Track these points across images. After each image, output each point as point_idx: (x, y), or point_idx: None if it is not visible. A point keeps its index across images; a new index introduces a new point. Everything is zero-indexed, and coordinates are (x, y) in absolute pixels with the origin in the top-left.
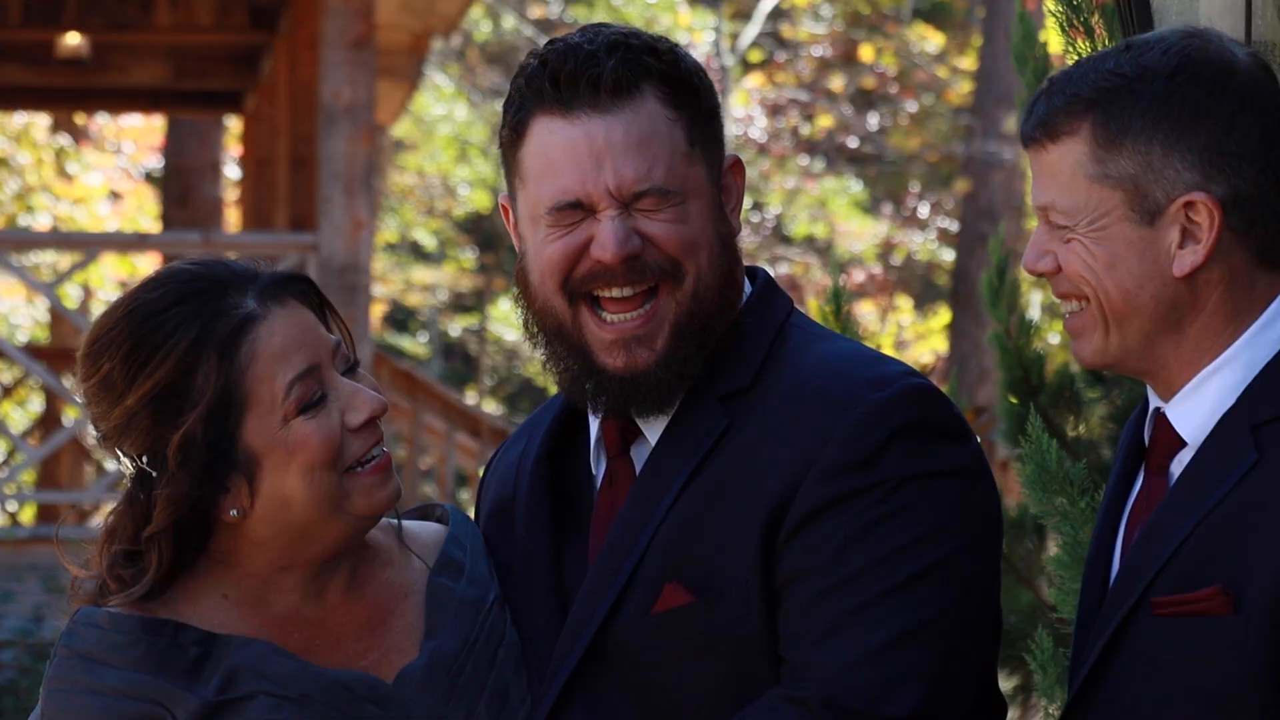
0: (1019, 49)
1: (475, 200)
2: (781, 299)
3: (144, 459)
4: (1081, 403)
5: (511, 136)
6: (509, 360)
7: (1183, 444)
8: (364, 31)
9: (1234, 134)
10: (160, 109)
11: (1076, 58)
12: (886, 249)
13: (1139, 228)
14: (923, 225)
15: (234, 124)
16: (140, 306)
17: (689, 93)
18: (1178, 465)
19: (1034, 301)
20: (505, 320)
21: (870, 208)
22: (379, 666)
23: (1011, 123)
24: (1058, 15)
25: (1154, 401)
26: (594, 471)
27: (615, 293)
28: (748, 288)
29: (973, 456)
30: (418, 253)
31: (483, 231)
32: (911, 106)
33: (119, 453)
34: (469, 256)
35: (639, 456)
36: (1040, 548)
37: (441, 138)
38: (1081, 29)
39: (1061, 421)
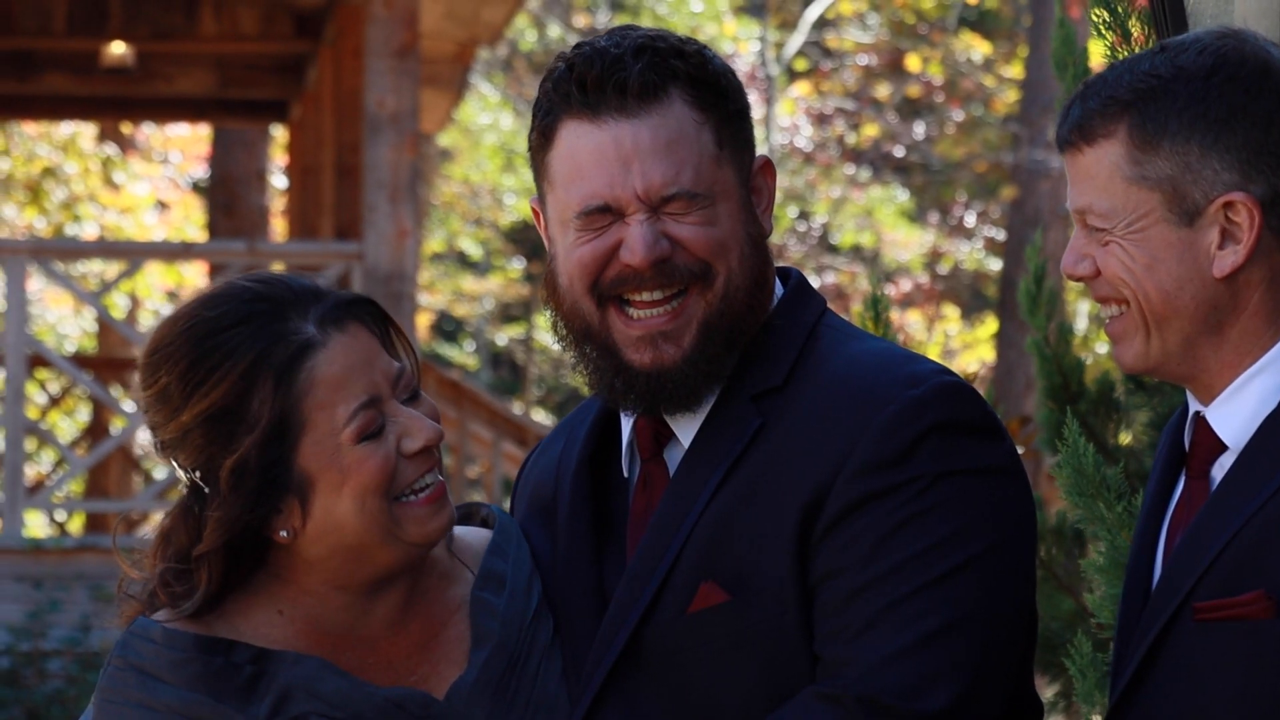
0: (1059, 54)
1: (521, 209)
2: (814, 299)
3: (197, 473)
4: (1122, 409)
5: (540, 141)
6: (556, 369)
7: (1223, 448)
8: (408, 40)
9: (1272, 132)
10: (205, 118)
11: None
12: (933, 258)
13: (1178, 229)
14: (969, 234)
15: (279, 133)
16: (200, 323)
17: (717, 94)
18: (1219, 469)
19: (1081, 311)
20: (551, 330)
21: (917, 217)
22: (429, 680)
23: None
24: (1097, 19)
25: (1193, 405)
26: (626, 474)
27: (644, 296)
28: (780, 289)
29: (1006, 454)
30: (464, 262)
31: (529, 241)
32: (958, 115)
33: (174, 462)
34: (516, 266)
35: (672, 459)
36: (1079, 554)
37: (487, 147)
38: (1120, 33)
39: (1102, 429)
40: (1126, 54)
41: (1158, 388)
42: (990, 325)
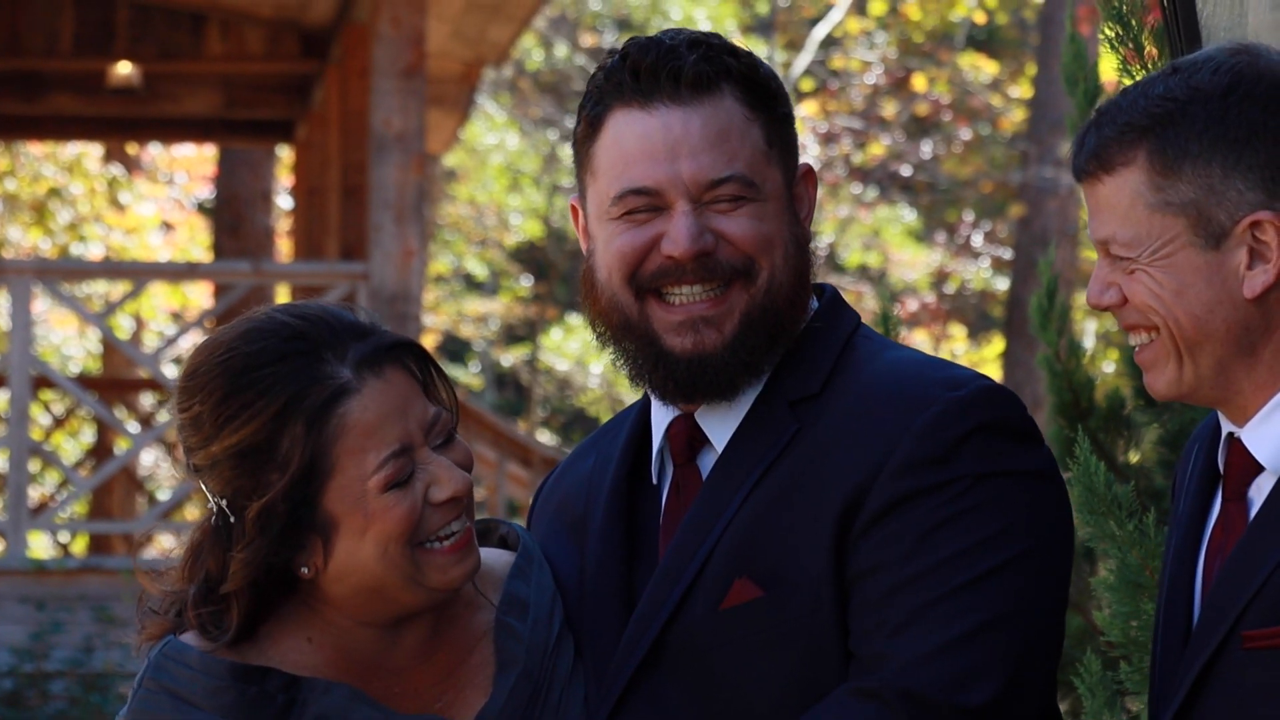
0: (1069, 69)
1: (528, 229)
2: (849, 312)
3: (224, 501)
4: (1132, 427)
5: (587, 131)
6: (561, 390)
7: (1260, 469)
8: (415, 60)
9: None
10: (212, 138)
11: (1130, 79)
12: (940, 278)
13: (1204, 252)
14: (976, 254)
15: (285, 153)
16: (237, 357)
17: (767, 96)
18: (1256, 491)
19: (1089, 329)
20: (557, 350)
21: (923, 236)
22: (454, 707)
23: (1066, 149)
24: (1110, 34)
25: (1226, 426)
26: (654, 481)
27: (684, 289)
28: (814, 303)
29: (1045, 460)
30: (470, 283)
31: (535, 261)
32: (965, 134)
33: (202, 486)
34: (522, 286)
35: (705, 465)
36: (1088, 571)
37: (494, 167)
38: (1133, 48)
39: (1112, 446)
40: (1139, 70)
41: (1168, 405)
42: (997, 344)
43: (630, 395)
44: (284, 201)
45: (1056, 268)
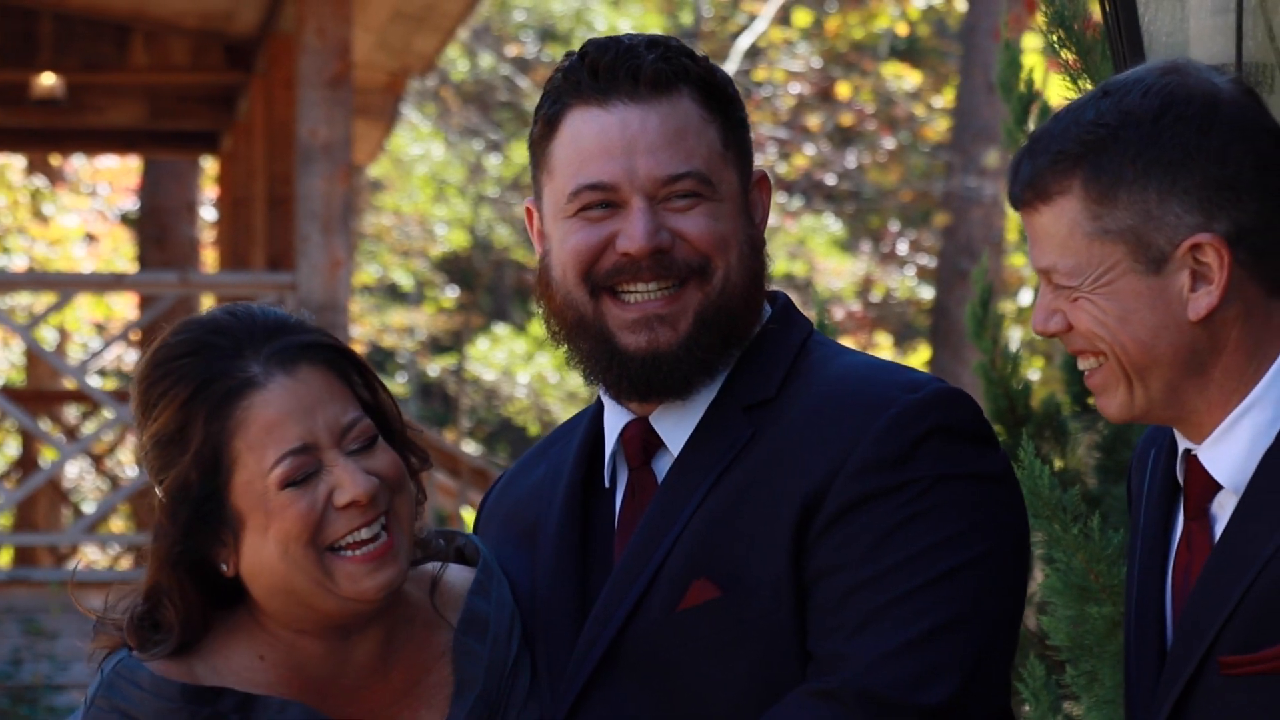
0: (1004, 75)
1: (453, 240)
2: (802, 318)
3: (159, 493)
4: (1067, 433)
5: (544, 130)
6: (488, 400)
7: (1219, 487)
8: (341, 70)
9: (1229, 167)
10: (136, 150)
11: (1072, 84)
12: (865, 286)
13: (1146, 277)
14: (902, 262)
15: (210, 164)
16: (162, 348)
17: (724, 99)
18: (1218, 508)
19: (1014, 337)
20: (484, 360)
21: (849, 245)
22: None
23: (991, 158)
24: (1052, 36)
25: (1183, 443)
26: (607, 485)
27: (639, 287)
28: (768, 308)
29: (1002, 462)
30: (395, 294)
31: (460, 271)
32: (889, 143)
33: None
34: (447, 296)
35: (660, 468)
36: (1032, 576)
37: (418, 177)
38: (1074, 51)
39: (1048, 452)
40: (1083, 77)
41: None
42: (923, 353)
43: (557, 405)
44: (208, 213)
45: (990, 275)
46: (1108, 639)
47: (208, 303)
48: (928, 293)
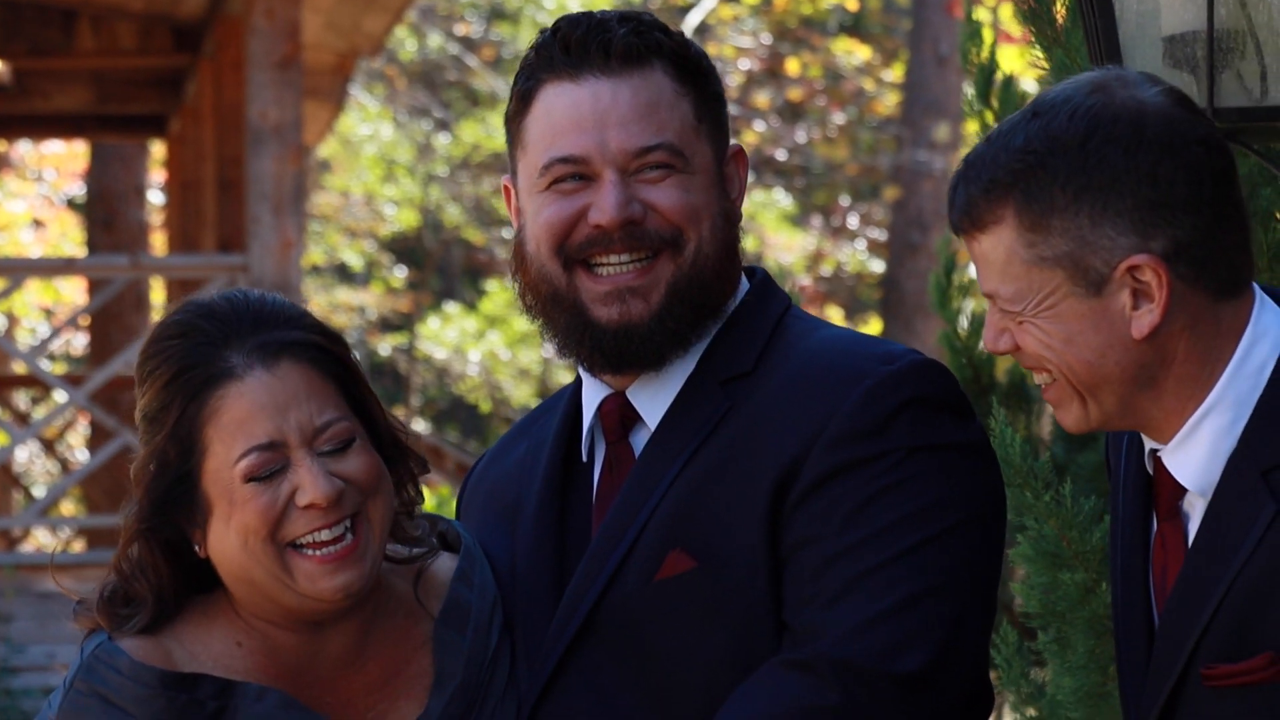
0: (965, 47)
1: (402, 219)
2: (779, 293)
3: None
4: (1032, 401)
5: (518, 107)
6: (439, 379)
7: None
8: (290, 51)
9: (1159, 186)
10: (83, 135)
11: (1045, 54)
12: (816, 260)
13: (1087, 300)
14: (852, 236)
15: (157, 148)
16: (159, 326)
17: (698, 73)
18: (1189, 506)
19: (966, 309)
20: (435, 339)
21: (799, 220)
22: (388, 716)
23: (942, 132)
24: (1022, 8)
25: (1149, 444)
26: (584, 459)
27: (612, 259)
28: (746, 283)
29: (978, 433)
30: (343, 274)
31: (410, 250)
32: (839, 118)
33: None
34: (396, 276)
35: (638, 443)
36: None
37: (367, 158)
38: (1046, 19)
39: (1014, 421)
40: (1055, 46)
41: None
42: (874, 326)
43: (509, 382)
44: (155, 196)
45: (954, 246)
46: (1080, 605)
47: (158, 286)
48: (878, 266)
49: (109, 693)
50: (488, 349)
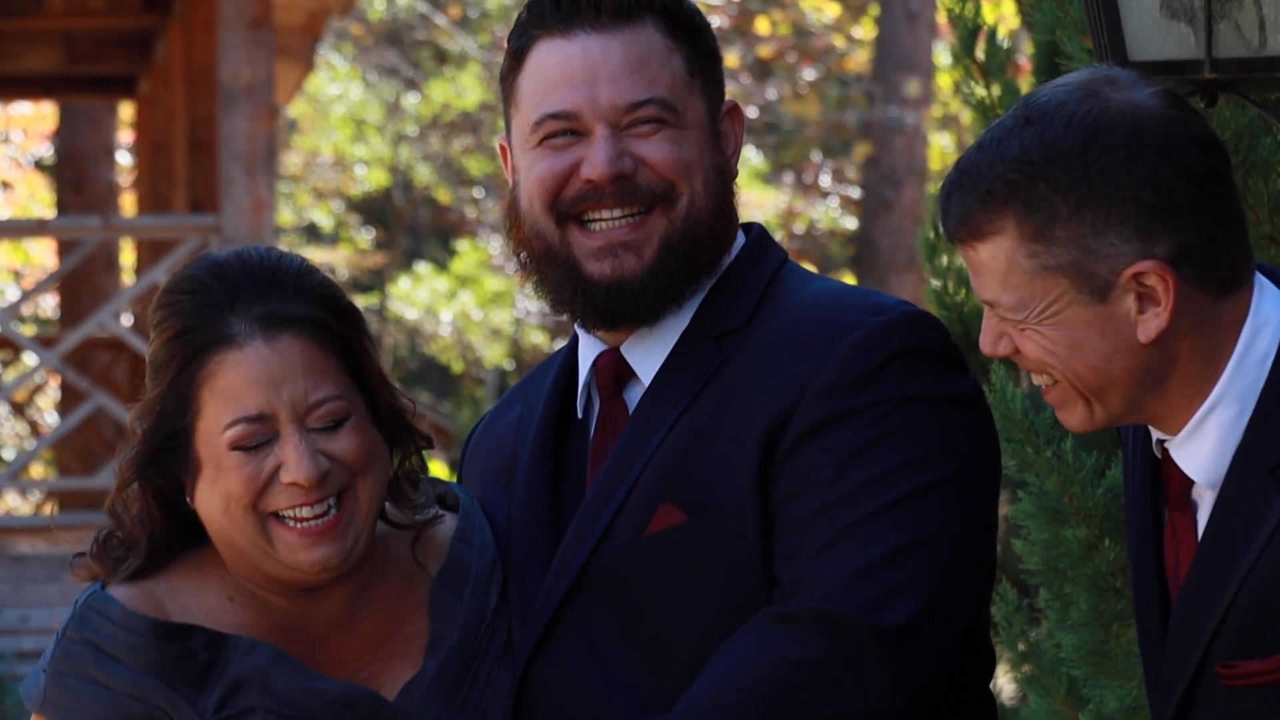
0: (950, 2)
1: (372, 179)
2: (776, 248)
3: None
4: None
5: (511, 65)
6: (411, 339)
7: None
8: (261, 11)
9: (1161, 191)
10: (52, 96)
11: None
12: (788, 218)
13: (1091, 306)
14: (824, 194)
15: (126, 109)
16: (175, 278)
17: (691, 29)
18: (1198, 496)
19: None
20: (406, 299)
21: (770, 178)
22: (380, 677)
23: (913, 87)
24: None
25: (1157, 434)
26: (579, 416)
27: (604, 214)
28: (742, 238)
29: (970, 385)
30: (313, 234)
31: (380, 210)
32: (809, 75)
33: None
34: (362, 237)
35: (632, 399)
36: (1005, 499)
37: (337, 117)
38: None
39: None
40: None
41: None
42: (848, 282)
43: (481, 342)
44: (123, 157)
45: (916, 204)
46: (1082, 562)
47: (128, 248)
48: (851, 223)
49: (101, 641)
50: (459, 309)
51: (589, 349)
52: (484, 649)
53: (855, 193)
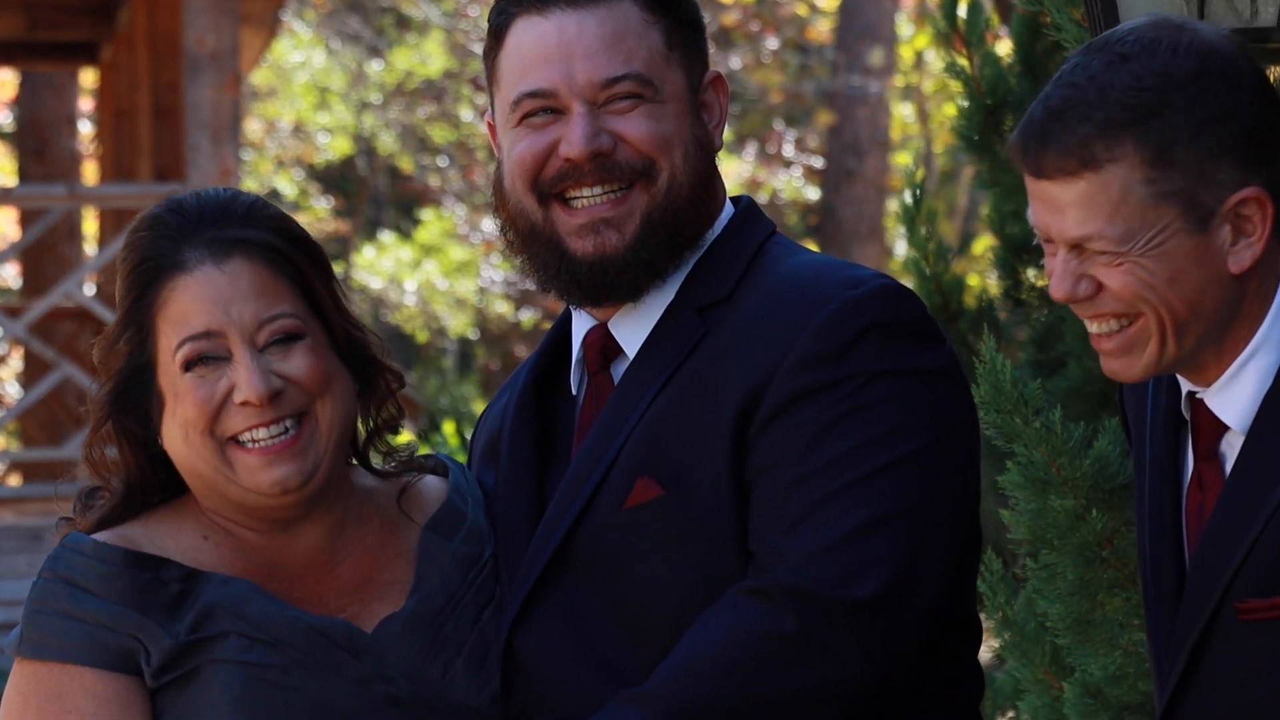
0: None
1: (336, 147)
2: (763, 221)
3: None
4: (1000, 327)
5: (491, 44)
6: (375, 308)
7: (1227, 427)
8: None
9: (1262, 119)
10: (13, 63)
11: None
12: (751, 188)
13: (1193, 236)
14: (787, 163)
15: (88, 76)
16: (137, 219)
17: (669, 1)
18: (1228, 447)
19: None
20: (370, 268)
21: (733, 147)
22: (360, 617)
23: (876, 56)
24: None
25: (1186, 386)
26: (574, 392)
27: (585, 192)
28: (730, 210)
29: (946, 357)
30: (275, 202)
31: (343, 179)
32: (772, 43)
33: None
34: (323, 206)
35: (618, 372)
36: (992, 471)
37: (300, 85)
38: None
39: (982, 347)
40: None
41: (1037, 306)
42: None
43: (445, 311)
44: (84, 125)
45: (877, 174)
46: (1070, 532)
47: (90, 216)
48: (814, 194)
49: (73, 575)
50: (424, 278)
51: (580, 325)
52: (475, 588)
53: (818, 162)
